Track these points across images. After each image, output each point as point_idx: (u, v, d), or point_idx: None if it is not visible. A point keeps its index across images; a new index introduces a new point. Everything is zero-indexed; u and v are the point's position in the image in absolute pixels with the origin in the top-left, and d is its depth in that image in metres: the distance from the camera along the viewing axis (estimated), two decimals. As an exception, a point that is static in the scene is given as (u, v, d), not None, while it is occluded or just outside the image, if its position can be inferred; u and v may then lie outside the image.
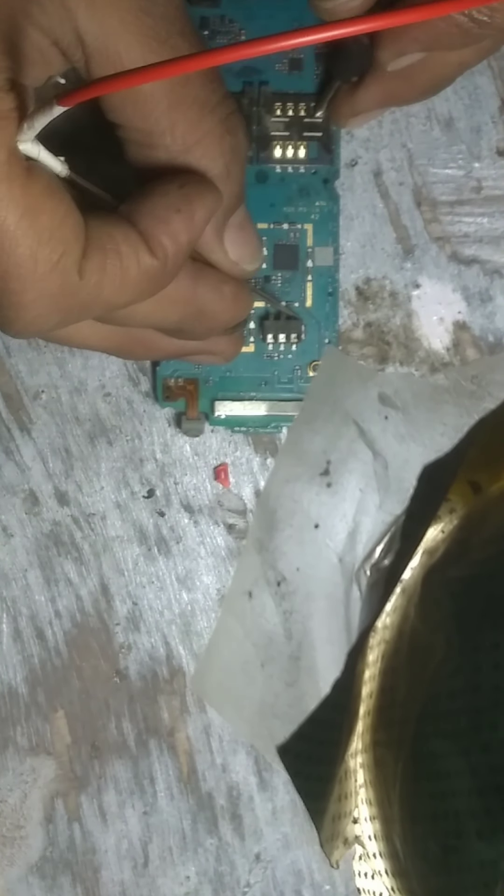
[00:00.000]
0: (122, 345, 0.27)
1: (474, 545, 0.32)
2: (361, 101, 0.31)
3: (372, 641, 0.33)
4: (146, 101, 0.23)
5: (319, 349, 0.34)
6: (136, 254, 0.23)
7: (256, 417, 0.34)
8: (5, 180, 0.20)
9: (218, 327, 0.28)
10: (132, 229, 0.23)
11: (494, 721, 0.28)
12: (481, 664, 0.29)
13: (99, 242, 0.22)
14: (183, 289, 0.25)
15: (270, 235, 0.34)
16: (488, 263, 0.35)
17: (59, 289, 0.21)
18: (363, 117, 0.32)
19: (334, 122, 0.33)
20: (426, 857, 0.30)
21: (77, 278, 0.22)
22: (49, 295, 0.21)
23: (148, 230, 0.23)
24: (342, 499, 0.34)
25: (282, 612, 0.34)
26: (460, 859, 0.29)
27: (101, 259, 0.22)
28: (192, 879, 0.34)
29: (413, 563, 0.34)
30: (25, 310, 0.22)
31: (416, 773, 0.30)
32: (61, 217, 0.21)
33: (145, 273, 0.23)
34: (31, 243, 0.21)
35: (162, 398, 0.33)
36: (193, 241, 0.24)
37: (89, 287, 0.22)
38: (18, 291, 0.21)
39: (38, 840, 0.34)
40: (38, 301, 0.22)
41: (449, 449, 0.34)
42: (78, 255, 0.21)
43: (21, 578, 0.35)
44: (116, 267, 0.22)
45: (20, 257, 0.21)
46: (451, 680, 0.30)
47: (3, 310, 0.22)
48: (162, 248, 0.23)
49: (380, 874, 0.33)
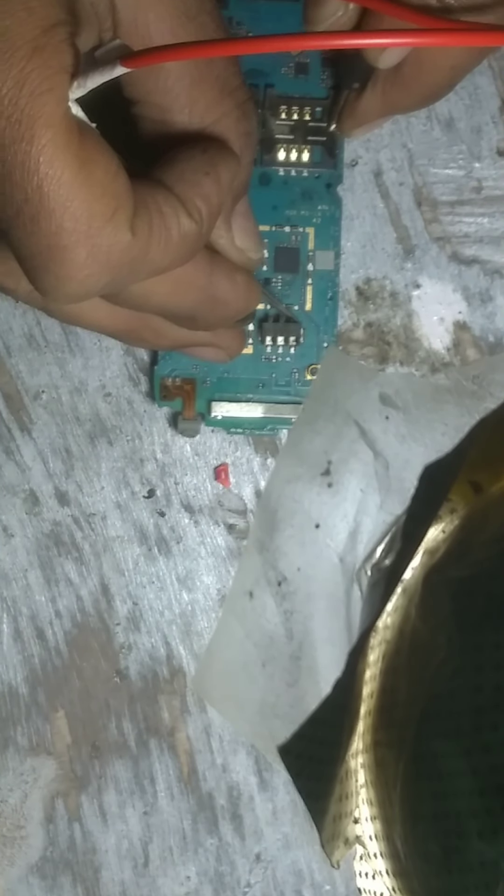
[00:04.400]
0: (132, 329, 0.27)
1: (475, 545, 0.32)
2: (363, 110, 0.31)
3: (373, 641, 0.33)
4: (169, 76, 0.24)
5: (318, 353, 0.34)
6: (176, 215, 0.23)
7: (253, 419, 0.34)
8: (65, 133, 0.20)
9: (229, 316, 0.28)
10: (170, 192, 0.23)
11: (495, 721, 0.28)
12: (482, 664, 0.29)
13: (144, 202, 0.22)
14: (200, 273, 0.26)
15: (272, 238, 0.34)
16: (489, 263, 0.35)
17: (111, 246, 0.21)
18: (366, 127, 0.32)
19: (340, 132, 0.33)
20: (427, 857, 0.30)
21: (129, 235, 0.21)
22: (101, 252, 0.21)
23: (182, 193, 0.23)
24: (343, 499, 0.34)
25: (283, 612, 0.34)
26: (461, 859, 0.29)
27: (148, 218, 0.22)
28: (192, 879, 0.34)
29: (414, 563, 0.34)
30: (78, 269, 0.21)
31: (417, 773, 0.30)
32: (114, 172, 0.21)
33: (185, 235, 0.23)
34: (87, 197, 0.20)
35: (159, 397, 0.33)
36: (223, 204, 0.24)
37: (139, 246, 0.22)
38: (71, 247, 0.21)
39: (38, 840, 0.34)
40: (90, 259, 0.21)
41: (450, 449, 0.34)
42: (130, 212, 0.21)
43: (21, 578, 0.35)
44: (161, 227, 0.22)
45: (76, 211, 0.20)
46: (452, 680, 0.30)
47: (54, 268, 0.21)
48: (197, 209, 0.23)
49: (380, 874, 0.33)
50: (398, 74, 0.29)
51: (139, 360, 0.35)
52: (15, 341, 0.35)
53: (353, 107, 0.31)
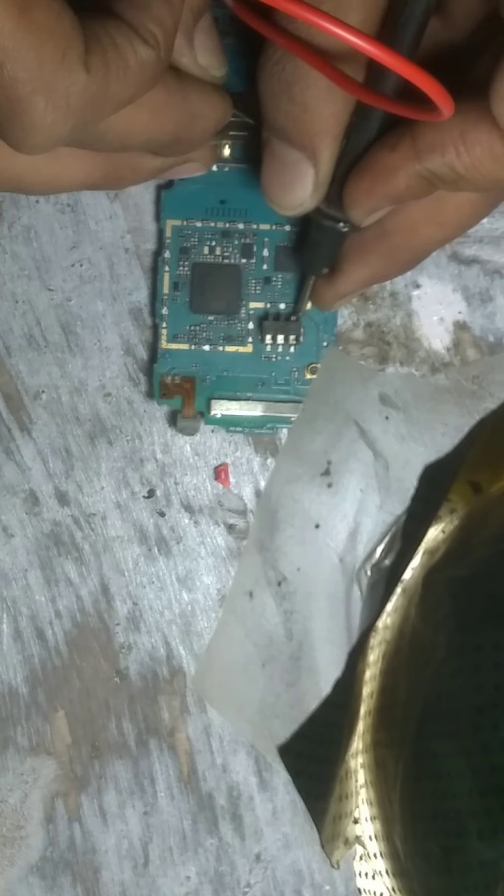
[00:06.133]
0: (108, 173, 0.27)
1: (475, 545, 0.32)
2: (344, 286, 0.31)
3: (373, 641, 0.33)
4: None
5: (317, 352, 0.34)
6: (131, 44, 0.22)
7: (252, 418, 0.34)
8: None
9: (210, 129, 0.28)
10: (120, 21, 0.22)
11: (495, 721, 0.28)
12: (482, 664, 0.29)
13: (95, 36, 0.21)
14: (173, 94, 0.25)
15: (272, 237, 0.34)
16: (489, 263, 0.35)
17: (68, 88, 0.21)
18: (349, 298, 0.32)
19: (319, 308, 0.33)
20: (427, 857, 0.30)
21: (84, 74, 0.21)
22: (60, 96, 0.21)
23: (133, 19, 0.22)
24: (343, 499, 0.34)
25: (282, 612, 0.34)
26: (461, 860, 0.29)
27: (101, 53, 0.21)
28: (192, 879, 0.34)
29: (414, 563, 0.34)
30: (40, 116, 0.21)
31: (416, 773, 0.30)
32: (57, 12, 0.20)
33: (143, 63, 0.22)
34: (33, 42, 0.20)
35: (158, 395, 0.33)
36: (177, 22, 0.23)
37: (97, 82, 0.21)
38: (28, 96, 0.20)
39: (38, 840, 0.34)
40: (51, 105, 0.21)
41: (450, 449, 0.34)
42: (81, 50, 0.21)
43: (21, 578, 0.35)
44: (117, 59, 0.22)
45: (25, 60, 0.20)
46: (452, 680, 0.30)
47: (18, 120, 0.21)
48: (152, 34, 0.22)
49: (380, 874, 0.33)
50: (385, 245, 0.29)
51: (139, 360, 0.35)
52: (15, 341, 0.35)
53: (332, 285, 0.31)
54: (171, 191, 0.34)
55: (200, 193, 0.33)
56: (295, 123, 0.25)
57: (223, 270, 0.34)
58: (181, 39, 0.26)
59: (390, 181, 0.25)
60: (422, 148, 0.24)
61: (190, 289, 0.33)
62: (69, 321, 0.35)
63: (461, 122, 0.23)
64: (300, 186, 0.27)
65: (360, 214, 0.27)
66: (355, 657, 0.33)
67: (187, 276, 0.34)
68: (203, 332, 0.34)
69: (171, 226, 0.34)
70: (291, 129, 0.25)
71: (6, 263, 0.35)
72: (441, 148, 0.24)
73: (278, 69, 0.25)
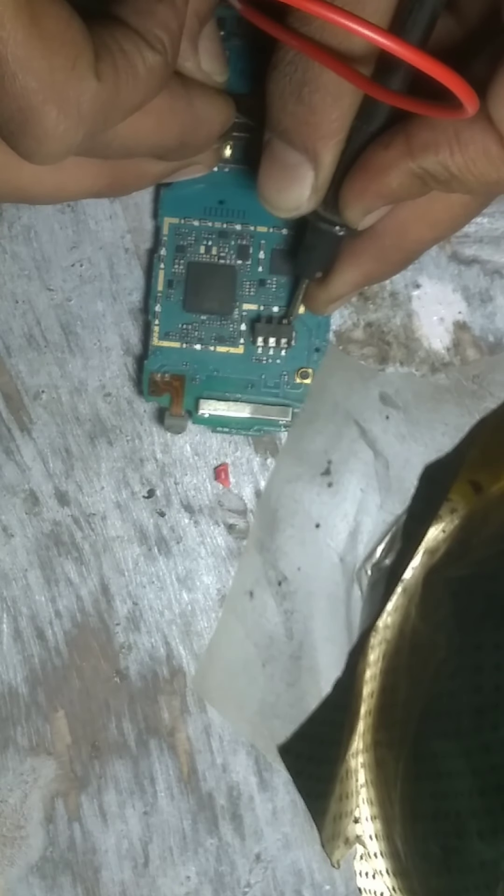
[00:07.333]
0: (113, 180, 0.27)
1: (475, 545, 0.32)
2: (337, 288, 0.31)
3: (373, 641, 0.33)
4: None
5: (308, 356, 0.34)
6: (139, 50, 0.22)
7: (240, 419, 0.34)
8: None
9: (214, 133, 0.28)
10: (127, 28, 0.22)
11: (496, 721, 0.28)
12: (482, 664, 0.29)
13: (104, 44, 0.22)
14: (179, 99, 0.25)
15: (269, 239, 0.33)
16: (489, 263, 0.35)
17: (79, 96, 0.21)
18: (341, 301, 0.32)
19: (312, 312, 0.33)
20: (427, 856, 0.30)
21: (95, 81, 0.21)
22: (71, 105, 0.21)
23: (140, 26, 0.22)
24: (343, 498, 0.34)
25: (283, 612, 0.34)
26: (461, 859, 0.29)
27: (111, 60, 0.22)
28: (192, 879, 0.34)
29: (414, 562, 0.34)
30: (52, 125, 0.21)
31: (417, 773, 0.30)
32: (67, 20, 0.20)
33: (151, 68, 0.23)
34: (44, 51, 0.20)
35: (147, 392, 0.33)
36: (182, 27, 0.24)
37: (108, 89, 0.21)
38: (40, 106, 0.21)
39: (38, 840, 0.34)
40: (63, 114, 0.21)
41: (450, 449, 0.34)
42: (91, 58, 0.21)
43: (21, 578, 0.35)
44: (126, 66, 0.22)
45: (37, 69, 0.20)
46: (452, 680, 0.30)
47: (30, 130, 0.21)
48: (158, 40, 0.23)
49: (381, 874, 0.33)
50: (377, 246, 0.29)
51: (139, 359, 0.35)
52: (15, 341, 0.35)
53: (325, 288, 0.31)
54: (171, 189, 0.33)
55: (200, 193, 0.33)
56: (300, 125, 0.25)
57: (218, 270, 0.33)
58: (186, 44, 0.26)
59: (383, 179, 0.25)
60: (415, 146, 0.24)
61: (184, 287, 0.33)
62: (69, 321, 0.35)
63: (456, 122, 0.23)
64: (298, 189, 0.27)
65: (355, 215, 0.27)
66: (356, 657, 0.33)
67: (182, 274, 0.33)
68: (195, 331, 0.34)
69: (168, 223, 0.34)
70: (296, 130, 0.25)
71: (6, 263, 0.35)
72: (435, 146, 0.24)
73: (290, 69, 0.25)
